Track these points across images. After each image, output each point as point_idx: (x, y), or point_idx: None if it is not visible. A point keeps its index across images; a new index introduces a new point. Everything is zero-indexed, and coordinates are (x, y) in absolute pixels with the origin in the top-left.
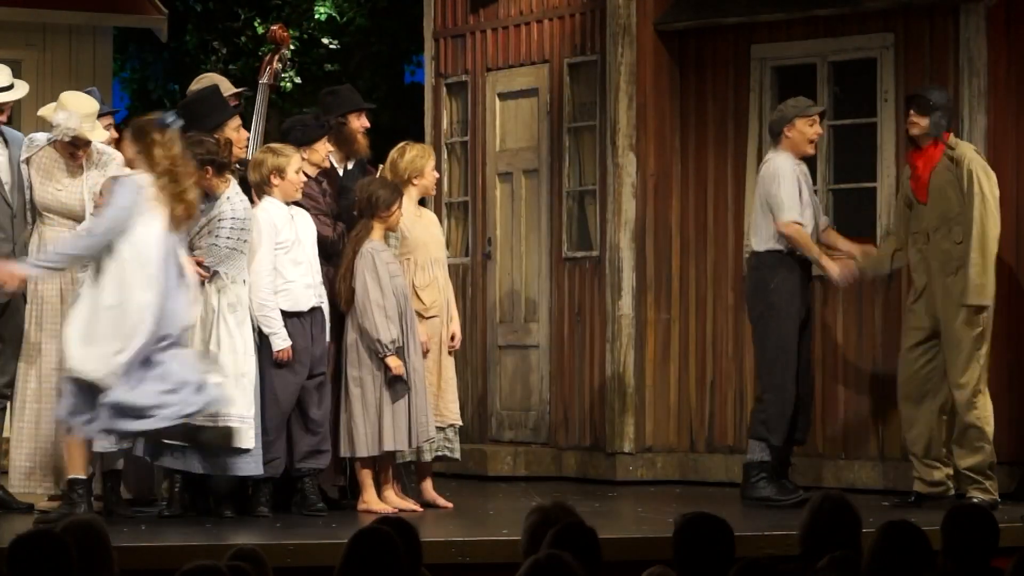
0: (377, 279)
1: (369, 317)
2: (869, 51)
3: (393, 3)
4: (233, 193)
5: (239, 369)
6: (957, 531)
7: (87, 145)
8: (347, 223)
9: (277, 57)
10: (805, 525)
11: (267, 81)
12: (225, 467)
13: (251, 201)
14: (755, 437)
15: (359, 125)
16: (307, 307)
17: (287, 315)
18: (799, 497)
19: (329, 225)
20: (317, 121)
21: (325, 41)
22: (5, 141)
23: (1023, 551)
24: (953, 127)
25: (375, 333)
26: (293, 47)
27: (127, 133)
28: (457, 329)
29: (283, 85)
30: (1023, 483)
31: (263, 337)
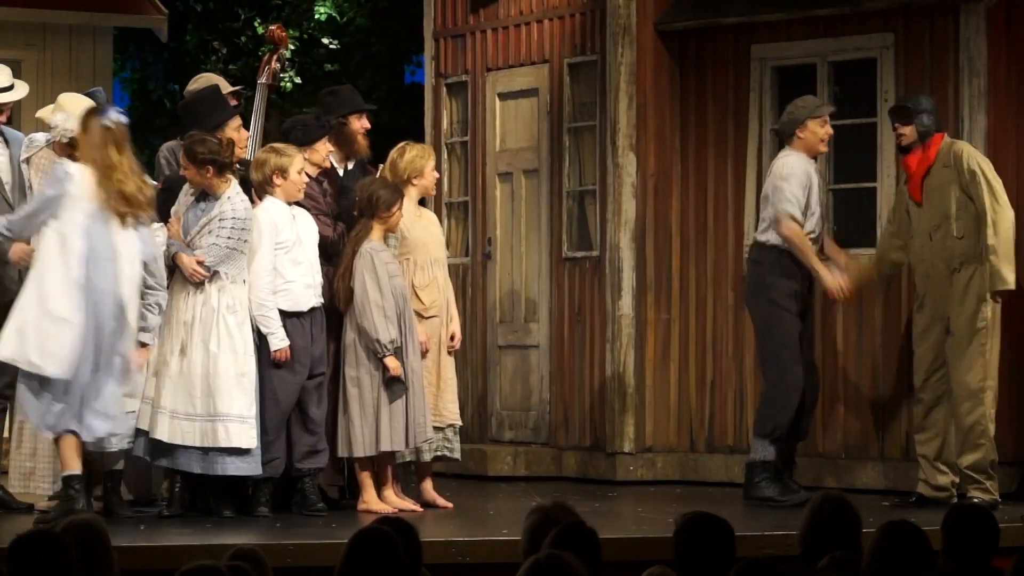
0: (376, 279)
1: (368, 317)
2: (869, 51)
3: (393, 3)
4: (234, 193)
5: (239, 369)
6: (957, 531)
7: None
8: (347, 223)
9: (275, 57)
10: (805, 525)
11: (266, 81)
12: (224, 467)
13: (251, 201)
14: (759, 434)
15: (359, 126)
16: (307, 307)
17: (287, 315)
18: (801, 497)
19: (329, 225)
20: (318, 121)
21: (325, 41)
22: (6, 141)
23: (1023, 551)
24: (953, 127)
25: (374, 333)
26: (293, 47)
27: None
28: (457, 329)
29: (283, 85)
30: (1023, 483)
31: (263, 337)
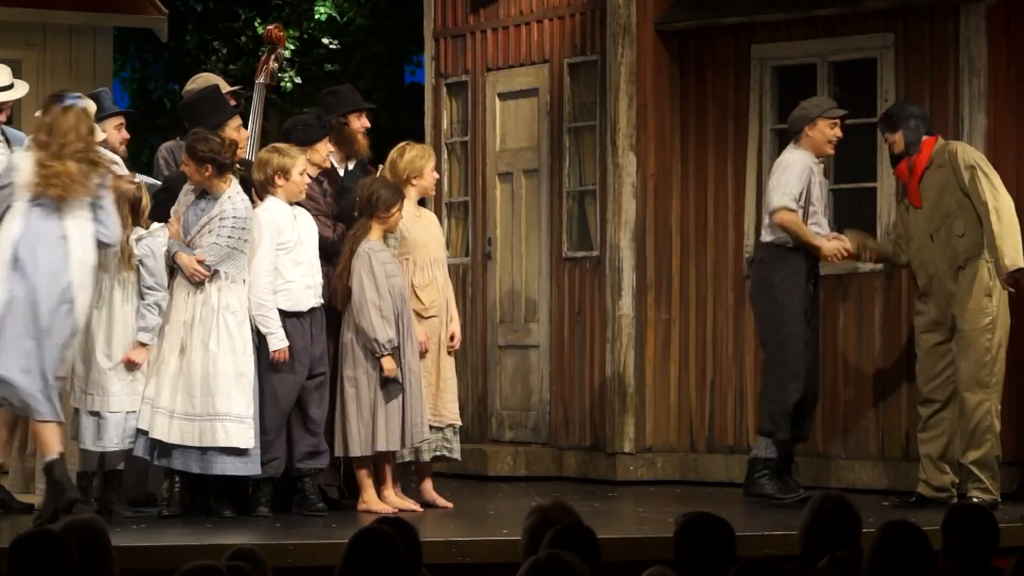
0: (373, 279)
1: (365, 317)
2: (869, 51)
3: (393, 3)
4: (234, 192)
5: (238, 369)
6: (957, 531)
7: None
8: (347, 223)
9: (273, 57)
10: (805, 525)
11: (264, 81)
12: (223, 467)
13: (251, 201)
14: (762, 433)
15: (360, 125)
16: (307, 307)
17: (287, 315)
18: (800, 496)
19: (329, 226)
20: (318, 121)
21: (325, 41)
22: (6, 140)
23: (1023, 551)
24: (953, 127)
25: (371, 333)
26: (293, 47)
27: None
28: (457, 329)
29: (283, 85)
30: (1023, 483)
31: (262, 337)
